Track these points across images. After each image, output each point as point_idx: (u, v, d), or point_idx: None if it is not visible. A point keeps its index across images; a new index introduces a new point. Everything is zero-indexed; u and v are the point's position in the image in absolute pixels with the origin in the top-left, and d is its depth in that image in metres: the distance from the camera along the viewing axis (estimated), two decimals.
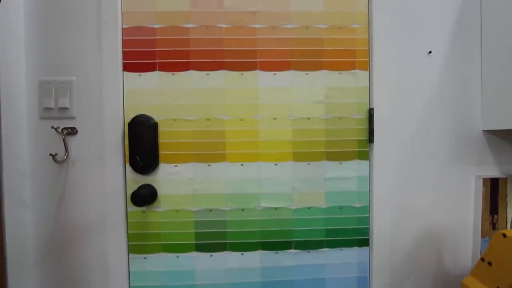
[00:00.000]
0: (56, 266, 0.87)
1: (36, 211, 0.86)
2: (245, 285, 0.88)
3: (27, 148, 0.85)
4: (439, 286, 0.91)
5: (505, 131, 0.89)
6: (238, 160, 0.85)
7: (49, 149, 0.85)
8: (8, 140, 0.82)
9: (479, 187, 0.88)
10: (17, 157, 0.83)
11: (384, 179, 0.87)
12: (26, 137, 0.85)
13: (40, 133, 0.85)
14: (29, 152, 0.85)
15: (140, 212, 0.86)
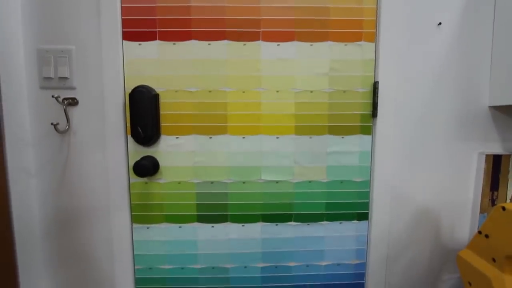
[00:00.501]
0: (61, 236, 0.89)
1: (40, 181, 0.87)
2: (246, 255, 0.90)
3: (28, 118, 0.85)
4: (436, 260, 0.93)
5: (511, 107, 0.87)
6: (240, 133, 0.85)
7: (51, 120, 0.84)
8: (9, 109, 0.82)
9: (481, 163, 0.88)
10: (19, 127, 0.83)
11: (386, 154, 0.87)
12: (27, 107, 0.85)
13: (41, 103, 0.84)
14: (30, 122, 0.85)
15: (142, 183, 0.87)
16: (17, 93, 0.82)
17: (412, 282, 0.93)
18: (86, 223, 0.88)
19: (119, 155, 0.85)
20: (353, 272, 0.92)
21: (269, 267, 0.91)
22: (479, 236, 0.75)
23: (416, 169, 0.89)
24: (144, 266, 0.91)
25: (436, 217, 0.91)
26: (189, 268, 0.91)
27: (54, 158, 0.86)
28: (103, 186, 0.87)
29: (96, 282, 0.92)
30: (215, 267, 0.91)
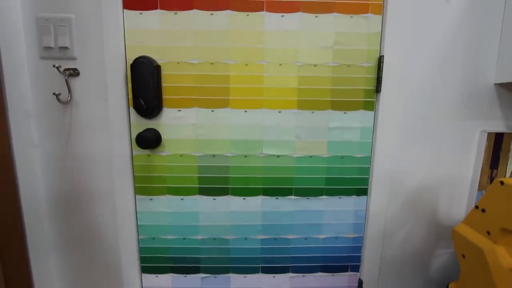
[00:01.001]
0: (66, 205, 0.91)
1: (44, 152, 0.88)
2: (246, 227, 0.93)
3: (30, 89, 0.84)
4: (431, 235, 0.95)
5: None
6: (242, 107, 0.85)
7: (52, 90, 0.84)
8: (11, 80, 0.81)
9: (482, 141, 0.88)
10: (21, 97, 0.83)
11: (388, 131, 0.87)
12: (28, 78, 0.84)
13: (42, 74, 0.83)
14: (32, 92, 0.85)
15: (145, 155, 0.88)
16: (18, 63, 0.81)
17: (407, 256, 0.96)
18: (90, 194, 0.90)
19: (121, 127, 0.85)
20: (351, 245, 0.95)
21: (269, 239, 0.94)
22: (475, 210, 0.76)
23: (417, 146, 0.89)
24: (147, 236, 0.93)
25: (435, 193, 0.92)
26: (191, 239, 0.93)
27: (57, 129, 0.87)
28: (106, 157, 0.88)
29: (101, 250, 0.95)
30: (216, 238, 0.93)
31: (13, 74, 0.81)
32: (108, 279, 0.97)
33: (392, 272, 0.97)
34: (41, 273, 0.90)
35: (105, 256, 0.95)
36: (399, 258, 0.96)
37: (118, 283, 0.97)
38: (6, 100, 0.80)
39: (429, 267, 0.97)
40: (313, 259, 0.95)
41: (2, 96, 0.79)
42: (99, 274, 0.96)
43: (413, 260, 0.97)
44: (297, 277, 0.97)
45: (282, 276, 0.97)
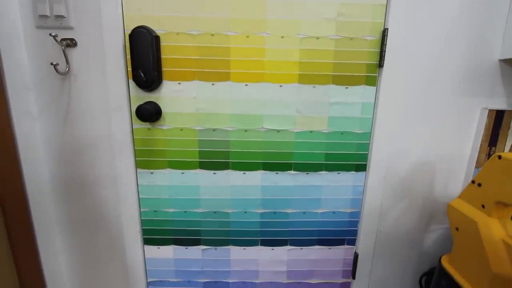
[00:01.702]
0: (67, 180, 0.92)
1: (43, 124, 0.88)
2: (246, 201, 0.94)
3: (27, 60, 0.83)
4: (427, 211, 0.97)
5: None
6: (243, 80, 0.84)
7: (50, 61, 0.82)
8: (7, 50, 0.80)
9: (483, 118, 0.88)
10: (18, 68, 0.82)
11: (389, 107, 0.86)
12: (24, 48, 0.82)
13: (38, 44, 0.82)
14: (29, 63, 0.83)
15: (145, 129, 0.88)
16: (13, 33, 0.79)
17: (402, 231, 0.99)
18: (91, 167, 0.91)
19: (121, 99, 0.84)
20: (348, 220, 0.97)
21: (268, 213, 0.96)
22: (471, 185, 0.77)
23: (418, 123, 0.89)
24: (149, 209, 0.95)
25: (432, 170, 0.93)
26: (191, 212, 0.95)
27: (56, 102, 0.86)
28: (106, 130, 0.88)
29: (104, 223, 0.97)
30: (217, 212, 0.95)
31: (8, 44, 0.79)
32: (111, 250, 1.00)
33: (387, 246, 1.00)
34: (47, 246, 0.93)
35: (108, 228, 0.97)
36: (394, 232, 0.99)
37: (121, 255, 1.00)
38: (3, 71, 0.79)
39: (423, 242, 1.00)
40: (311, 232, 0.98)
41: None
42: (103, 246, 0.99)
43: (408, 235, 0.99)
44: (295, 250, 1.00)
45: (280, 249, 1.00)
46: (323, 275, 1.03)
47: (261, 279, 1.04)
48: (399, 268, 1.03)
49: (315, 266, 1.02)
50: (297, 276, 1.03)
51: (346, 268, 1.03)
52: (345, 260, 1.02)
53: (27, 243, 0.86)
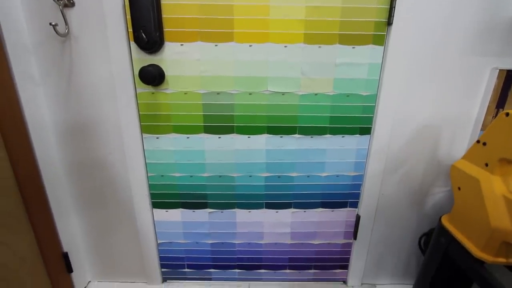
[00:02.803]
0: (74, 145, 0.94)
1: (47, 90, 0.88)
2: (251, 165, 0.96)
3: (25, 22, 0.81)
4: (430, 174, 0.98)
5: None
6: (247, 41, 0.82)
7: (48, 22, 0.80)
8: (4, 12, 0.77)
9: (492, 79, 0.86)
10: (17, 31, 0.80)
11: (396, 67, 0.84)
12: (21, 9, 0.80)
13: (35, 4, 0.79)
14: (28, 26, 0.81)
15: (149, 93, 0.87)
16: None
17: (404, 194, 1.01)
18: (98, 132, 0.92)
19: (123, 62, 0.83)
20: (351, 183, 0.99)
21: (273, 177, 0.98)
22: (476, 145, 0.78)
23: (425, 84, 0.87)
24: (156, 173, 0.97)
25: (437, 132, 0.93)
26: (197, 176, 0.98)
27: (58, 66, 0.85)
28: (110, 95, 0.88)
29: (113, 189, 1.00)
30: (222, 176, 0.98)
31: (5, 4, 0.77)
32: (122, 214, 1.04)
33: (388, 208, 1.03)
34: (60, 210, 0.97)
35: (118, 192, 1.00)
36: (396, 195, 1.01)
37: (132, 218, 1.04)
38: (2, 35, 0.77)
39: (424, 204, 1.03)
40: (314, 195, 1.00)
41: None
42: (114, 210, 1.03)
43: (410, 197, 1.01)
44: (298, 212, 1.03)
45: (284, 211, 1.03)
46: (325, 236, 1.07)
47: (266, 240, 1.08)
48: (399, 230, 1.06)
49: (318, 228, 1.06)
50: (301, 237, 1.08)
51: (348, 229, 1.07)
52: (347, 222, 1.05)
53: (41, 206, 0.90)
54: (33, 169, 0.86)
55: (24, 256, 0.85)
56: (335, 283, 1.17)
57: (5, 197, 0.78)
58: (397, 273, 1.15)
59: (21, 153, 0.82)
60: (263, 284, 1.16)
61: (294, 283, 1.16)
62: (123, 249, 1.10)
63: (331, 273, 1.15)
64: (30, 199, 0.85)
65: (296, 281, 1.16)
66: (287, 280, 1.16)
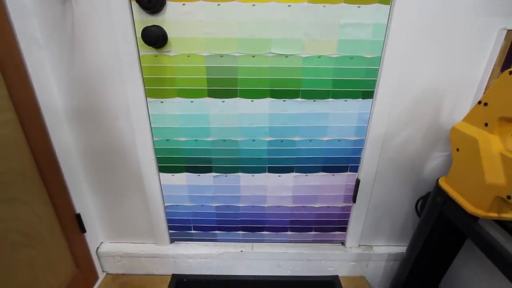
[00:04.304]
0: (80, 109, 0.96)
1: (50, 53, 0.88)
2: (254, 129, 0.98)
3: None
4: (430, 138, 1.00)
5: None
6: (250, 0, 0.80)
7: None
8: None
9: (500, 40, 0.84)
10: None
11: (402, 28, 0.83)
12: None
13: None
14: None
15: (152, 56, 0.87)
16: None
17: (404, 158, 1.03)
18: (103, 96, 0.93)
19: (125, 23, 0.82)
20: (352, 148, 1.01)
21: (275, 141, 1.00)
22: (477, 106, 0.78)
23: (431, 46, 0.86)
24: (161, 138, 1.00)
25: (440, 96, 0.93)
26: (202, 141, 1.00)
27: (59, 28, 0.85)
28: (114, 58, 0.88)
29: (120, 153, 1.03)
30: (226, 140, 1.00)
31: None
32: (130, 178, 1.08)
33: (387, 172, 1.06)
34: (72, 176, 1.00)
35: (125, 156, 1.03)
36: (396, 159, 1.03)
37: (139, 182, 1.08)
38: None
39: (423, 168, 1.05)
40: (316, 160, 1.03)
41: None
42: (122, 174, 1.07)
43: (409, 161, 1.04)
44: (300, 176, 1.07)
45: (286, 175, 1.06)
46: (326, 200, 1.12)
47: (269, 203, 1.13)
48: (397, 193, 1.10)
49: (319, 192, 1.10)
50: (302, 200, 1.12)
51: (347, 193, 1.10)
52: (347, 186, 1.09)
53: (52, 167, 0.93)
54: (42, 131, 0.89)
55: (41, 214, 0.90)
56: (334, 244, 1.23)
57: (17, 159, 0.81)
58: (394, 235, 1.20)
59: (29, 114, 0.84)
60: (265, 245, 1.22)
61: (295, 244, 1.22)
62: (132, 212, 1.15)
63: (330, 235, 1.21)
64: (41, 160, 0.88)
65: (297, 243, 1.22)
66: (288, 241, 1.22)
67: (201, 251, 1.20)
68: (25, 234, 0.84)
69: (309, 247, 1.21)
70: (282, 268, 1.23)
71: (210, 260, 1.21)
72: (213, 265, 1.22)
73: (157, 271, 1.24)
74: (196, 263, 1.21)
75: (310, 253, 1.19)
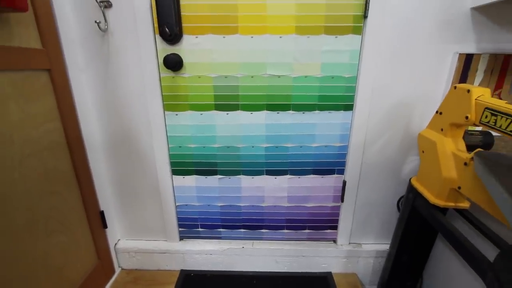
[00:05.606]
0: (109, 119, 1.15)
1: (89, 75, 1.09)
2: (253, 137, 1.15)
3: (73, 21, 1.02)
4: (405, 144, 1.16)
5: (491, 8, 0.97)
6: (249, 33, 1.01)
7: (91, 21, 1.01)
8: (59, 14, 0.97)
9: (454, 61, 1.03)
10: (68, 28, 1.01)
11: (372, 53, 1.02)
12: (71, 10, 1.01)
13: (81, 6, 1.00)
14: (75, 24, 1.02)
15: (170, 77, 1.08)
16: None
17: (383, 162, 1.19)
18: (129, 109, 1.13)
19: (150, 51, 1.04)
20: (337, 153, 1.18)
21: (271, 147, 1.17)
22: (435, 115, 0.95)
23: (398, 66, 1.05)
24: (175, 145, 1.18)
25: (410, 108, 1.10)
26: (209, 147, 1.18)
27: (97, 55, 1.06)
28: (140, 79, 1.08)
29: (140, 158, 1.21)
30: (230, 146, 1.17)
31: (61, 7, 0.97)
32: (147, 180, 1.25)
33: (370, 175, 1.21)
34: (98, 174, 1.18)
35: (145, 161, 1.21)
36: (376, 163, 1.19)
37: (155, 183, 1.25)
38: (58, 30, 0.98)
39: (401, 170, 1.20)
40: (306, 163, 1.20)
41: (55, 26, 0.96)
42: (140, 177, 1.24)
43: (389, 165, 1.19)
44: (294, 178, 1.22)
45: (282, 177, 1.22)
46: (317, 200, 1.27)
47: (267, 203, 1.28)
48: (381, 193, 1.24)
49: (311, 192, 1.25)
50: (296, 200, 1.27)
51: (336, 193, 1.25)
52: (335, 187, 1.24)
53: (84, 168, 1.12)
54: (79, 138, 1.08)
55: (74, 207, 1.07)
56: (327, 242, 1.36)
57: (61, 159, 1.00)
58: (381, 233, 1.33)
59: (70, 124, 1.03)
60: (264, 242, 1.36)
61: (291, 242, 1.35)
62: (147, 211, 1.32)
63: (322, 233, 1.34)
64: (76, 162, 1.06)
65: (293, 240, 1.35)
66: (285, 239, 1.35)
67: (206, 247, 1.34)
68: (61, 222, 1.01)
69: (304, 244, 1.34)
70: (280, 264, 1.35)
71: (215, 256, 1.34)
72: (218, 260, 1.35)
73: (167, 266, 1.38)
74: (202, 258, 1.35)
75: (304, 250, 1.32)
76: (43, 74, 0.92)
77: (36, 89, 0.89)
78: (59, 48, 0.98)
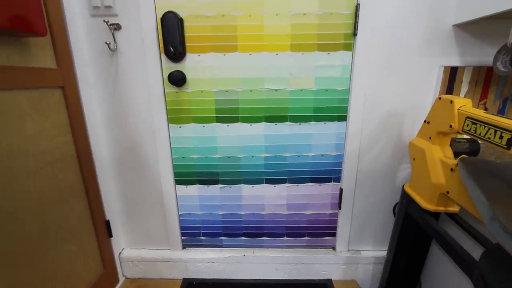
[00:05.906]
0: (116, 132, 1.22)
1: (98, 91, 1.16)
2: (253, 147, 1.21)
3: (85, 42, 1.10)
4: (397, 152, 1.21)
5: (472, 25, 1.04)
6: (247, 51, 1.08)
7: (101, 42, 1.09)
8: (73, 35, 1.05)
9: (440, 74, 1.09)
10: (81, 48, 1.09)
11: (363, 67, 1.09)
12: (83, 32, 1.10)
13: (93, 29, 1.09)
14: (87, 45, 1.11)
15: (174, 92, 1.15)
16: (75, 22, 1.06)
17: (378, 169, 1.24)
18: (135, 122, 1.20)
19: (155, 69, 1.11)
20: (333, 161, 1.23)
21: (270, 157, 1.23)
22: (424, 124, 1.01)
23: (388, 79, 1.12)
24: (179, 155, 1.24)
25: (401, 118, 1.16)
26: (211, 157, 1.24)
27: (107, 73, 1.14)
28: (146, 95, 1.15)
29: (145, 168, 1.27)
30: (230, 157, 1.23)
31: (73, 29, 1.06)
32: (152, 189, 1.30)
33: (366, 182, 1.26)
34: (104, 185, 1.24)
35: (149, 171, 1.27)
36: (371, 171, 1.24)
37: (159, 192, 1.30)
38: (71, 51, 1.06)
39: (395, 178, 1.25)
40: (304, 172, 1.25)
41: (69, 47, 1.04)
42: (145, 186, 1.30)
43: (383, 172, 1.24)
44: (292, 187, 1.27)
45: (281, 186, 1.27)
46: (315, 207, 1.31)
47: (267, 211, 1.32)
48: (376, 200, 1.29)
49: (309, 200, 1.30)
50: (295, 208, 1.31)
51: (333, 201, 1.30)
52: (333, 194, 1.29)
53: (92, 180, 1.17)
54: (88, 151, 1.14)
55: (82, 216, 1.12)
56: (326, 249, 1.39)
57: (71, 171, 1.06)
58: (379, 240, 1.36)
59: (80, 137, 1.10)
60: (265, 250, 1.39)
61: (291, 249, 1.38)
62: (151, 221, 1.36)
63: (321, 240, 1.37)
64: (85, 173, 1.12)
65: (293, 248, 1.39)
66: (285, 246, 1.39)
67: (209, 255, 1.37)
68: (69, 231, 1.05)
69: (303, 252, 1.37)
70: (280, 271, 1.38)
71: (217, 264, 1.37)
72: (219, 268, 1.38)
73: (170, 275, 1.41)
74: (204, 267, 1.38)
75: (304, 257, 1.35)
76: (57, 91, 0.99)
77: (50, 105, 0.96)
78: (72, 67, 1.06)
